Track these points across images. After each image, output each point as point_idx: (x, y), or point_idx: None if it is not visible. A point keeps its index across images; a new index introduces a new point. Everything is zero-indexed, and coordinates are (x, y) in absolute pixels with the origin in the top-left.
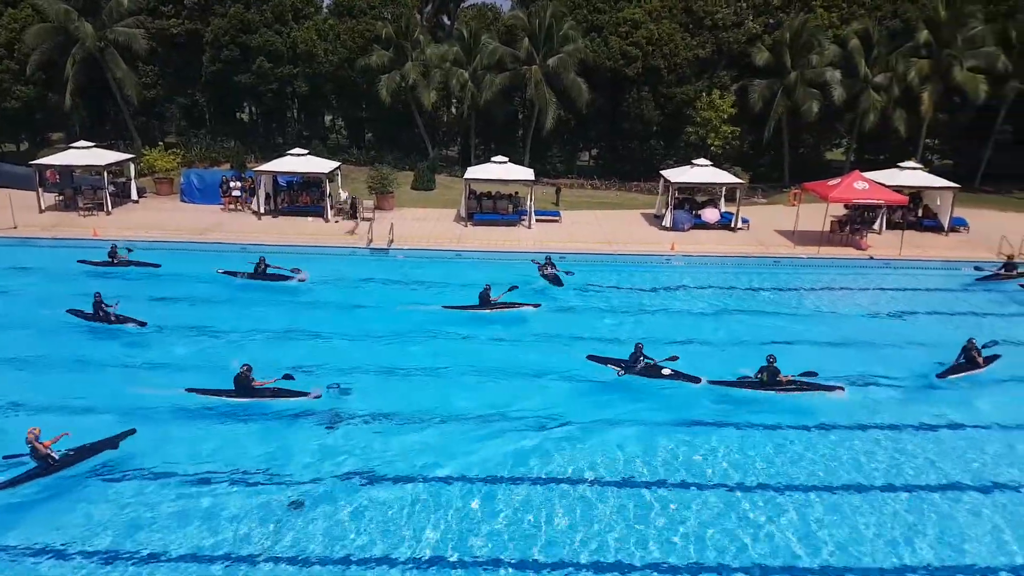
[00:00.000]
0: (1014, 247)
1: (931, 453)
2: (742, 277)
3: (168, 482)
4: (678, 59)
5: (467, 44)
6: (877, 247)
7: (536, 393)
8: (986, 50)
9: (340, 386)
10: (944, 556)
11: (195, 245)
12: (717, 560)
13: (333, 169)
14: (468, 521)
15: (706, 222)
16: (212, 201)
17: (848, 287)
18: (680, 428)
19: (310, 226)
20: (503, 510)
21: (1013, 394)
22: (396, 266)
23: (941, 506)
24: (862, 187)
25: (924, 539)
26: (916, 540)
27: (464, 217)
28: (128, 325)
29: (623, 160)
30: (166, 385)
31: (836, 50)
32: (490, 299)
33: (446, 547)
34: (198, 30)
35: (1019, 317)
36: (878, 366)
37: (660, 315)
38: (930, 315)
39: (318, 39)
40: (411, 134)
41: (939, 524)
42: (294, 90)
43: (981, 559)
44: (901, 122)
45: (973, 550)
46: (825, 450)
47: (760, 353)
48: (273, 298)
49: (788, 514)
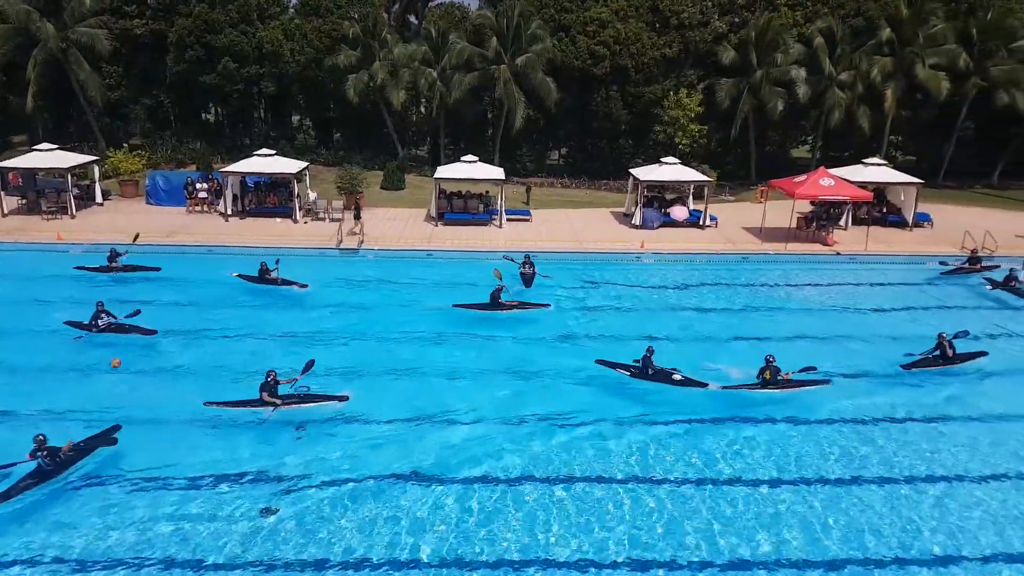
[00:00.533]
0: (977, 242)
1: (895, 445)
2: (710, 274)
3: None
4: (645, 58)
5: (435, 43)
6: (843, 243)
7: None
8: (947, 47)
9: (309, 389)
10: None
11: (165, 248)
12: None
13: (301, 169)
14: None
15: (675, 220)
16: (178, 203)
17: (815, 283)
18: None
19: (279, 227)
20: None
21: (979, 387)
22: (368, 266)
23: (907, 497)
24: (828, 184)
25: (882, 531)
26: (883, 531)
27: (434, 217)
28: (133, 334)
29: (592, 159)
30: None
31: (801, 48)
32: (500, 300)
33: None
34: (162, 30)
35: (984, 310)
36: (847, 360)
37: (633, 313)
38: (897, 310)
39: (284, 39)
40: (380, 134)
41: (901, 515)
42: (260, 90)
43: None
44: (865, 119)
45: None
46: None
47: (728, 348)
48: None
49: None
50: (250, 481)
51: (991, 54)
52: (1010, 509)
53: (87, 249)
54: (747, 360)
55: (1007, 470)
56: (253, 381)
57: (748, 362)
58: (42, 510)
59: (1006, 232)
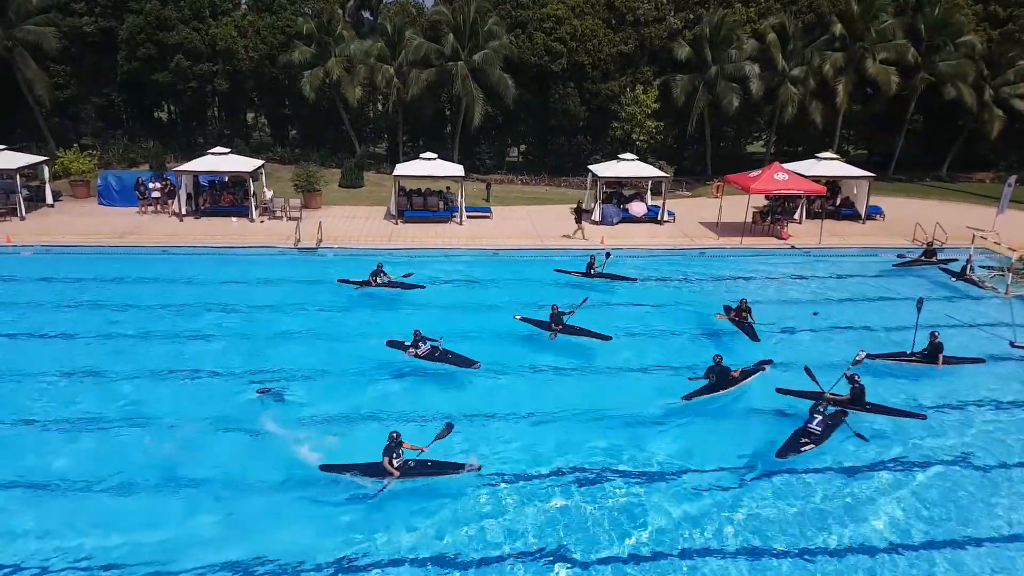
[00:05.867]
0: (928, 233)
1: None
2: (666, 268)
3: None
4: (602, 55)
5: (391, 39)
6: (798, 236)
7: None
8: (896, 43)
9: (271, 390)
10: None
11: (119, 249)
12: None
13: (257, 168)
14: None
15: (633, 215)
16: (132, 203)
17: (771, 276)
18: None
19: (235, 227)
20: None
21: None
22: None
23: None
24: (782, 178)
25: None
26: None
27: (394, 215)
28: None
29: (551, 155)
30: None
31: (754, 44)
32: (561, 317)
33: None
34: (112, 28)
35: (941, 301)
36: (804, 352)
37: (598, 309)
38: (853, 301)
39: (237, 36)
40: (337, 131)
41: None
42: (214, 88)
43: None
44: (818, 114)
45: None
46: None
47: (690, 342)
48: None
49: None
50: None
51: (938, 49)
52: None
53: (37, 251)
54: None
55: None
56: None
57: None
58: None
59: (956, 223)
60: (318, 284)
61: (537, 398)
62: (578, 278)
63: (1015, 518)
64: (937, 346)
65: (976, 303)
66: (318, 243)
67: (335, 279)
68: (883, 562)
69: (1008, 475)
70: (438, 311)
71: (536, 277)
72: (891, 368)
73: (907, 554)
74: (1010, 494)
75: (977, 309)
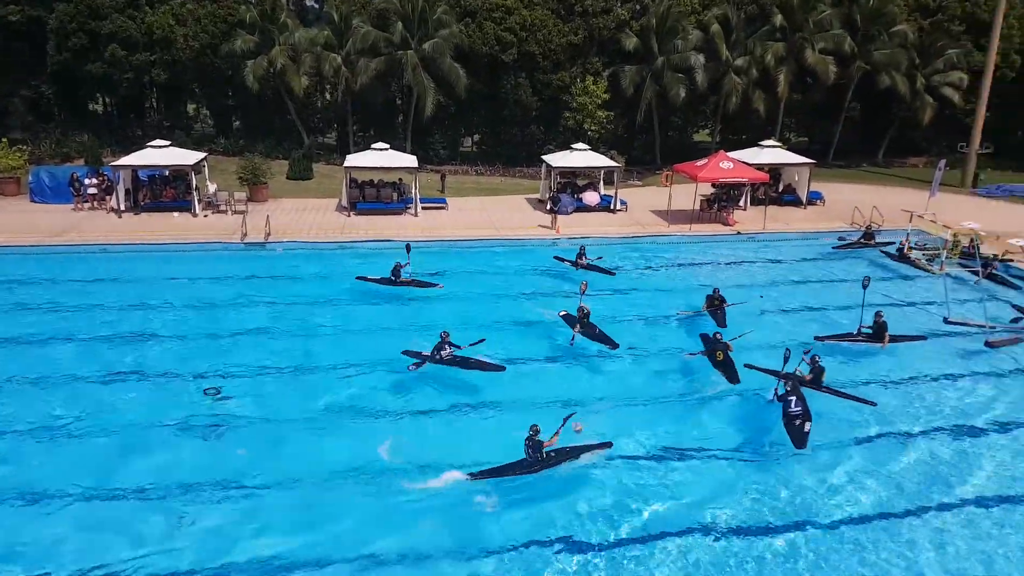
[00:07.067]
0: (866, 217)
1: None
2: (617, 255)
3: None
4: (552, 45)
5: (338, 28)
6: (743, 222)
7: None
8: (834, 33)
9: (219, 391)
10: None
11: (54, 248)
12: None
13: (199, 160)
14: None
15: (588, 205)
16: (66, 200)
17: (718, 262)
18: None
19: (177, 222)
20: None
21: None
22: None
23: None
24: (727, 166)
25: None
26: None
27: (346, 207)
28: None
29: (505, 145)
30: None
31: (699, 35)
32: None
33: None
34: (41, 17)
35: (880, 281)
36: (754, 333)
37: (558, 297)
38: (796, 283)
39: (176, 24)
40: (283, 121)
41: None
42: (152, 79)
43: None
44: (760, 103)
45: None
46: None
47: (643, 327)
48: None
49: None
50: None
51: (873, 39)
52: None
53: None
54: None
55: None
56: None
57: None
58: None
59: (892, 207)
60: (268, 280)
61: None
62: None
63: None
64: (882, 325)
65: (912, 282)
66: (266, 237)
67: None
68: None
69: (961, 446)
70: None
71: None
72: (841, 349)
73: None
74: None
75: (914, 288)
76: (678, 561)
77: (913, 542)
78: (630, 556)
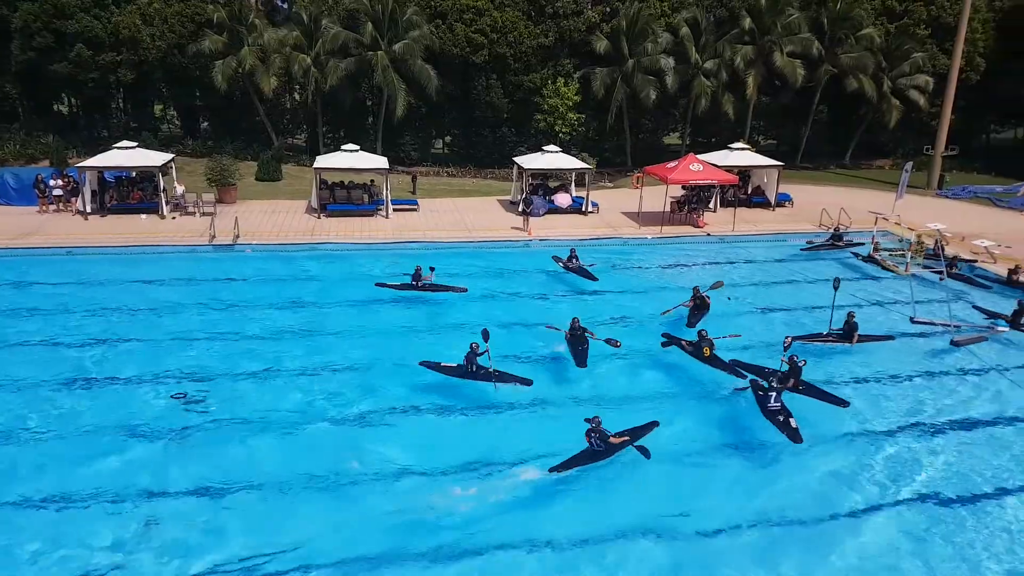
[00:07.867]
0: (834, 218)
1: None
2: (589, 256)
3: None
4: (523, 47)
5: (307, 28)
6: (713, 224)
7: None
8: (802, 36)
9: (187, 395)
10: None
11: (18, 251)
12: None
13: (166, 162)
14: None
15: (559, 207)
16: (31, 202)
17: (688, 263)
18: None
19: (144, 224)
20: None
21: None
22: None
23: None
24: (697, 169)
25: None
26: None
27: (316, 208)
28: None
29: (477, 147)
30: None
31: (669, 38)
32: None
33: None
34: (5, 16)
35: (849, 282)
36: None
37: (534, 299)
38: (766, 285)
39: (142, 24)
40: (252, 122)
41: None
42: (118, 79)
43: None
44: (730, 105)
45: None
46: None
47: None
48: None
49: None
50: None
51: (840, 42)
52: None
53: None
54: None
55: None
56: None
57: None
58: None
59: (859, 208)
60: (237, 282)
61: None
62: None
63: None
64: (853, 325)
65: (879, 283)
66: (235, 239)
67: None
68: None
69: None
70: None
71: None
72: (810, 348)
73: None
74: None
75: (880, 288)
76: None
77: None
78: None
